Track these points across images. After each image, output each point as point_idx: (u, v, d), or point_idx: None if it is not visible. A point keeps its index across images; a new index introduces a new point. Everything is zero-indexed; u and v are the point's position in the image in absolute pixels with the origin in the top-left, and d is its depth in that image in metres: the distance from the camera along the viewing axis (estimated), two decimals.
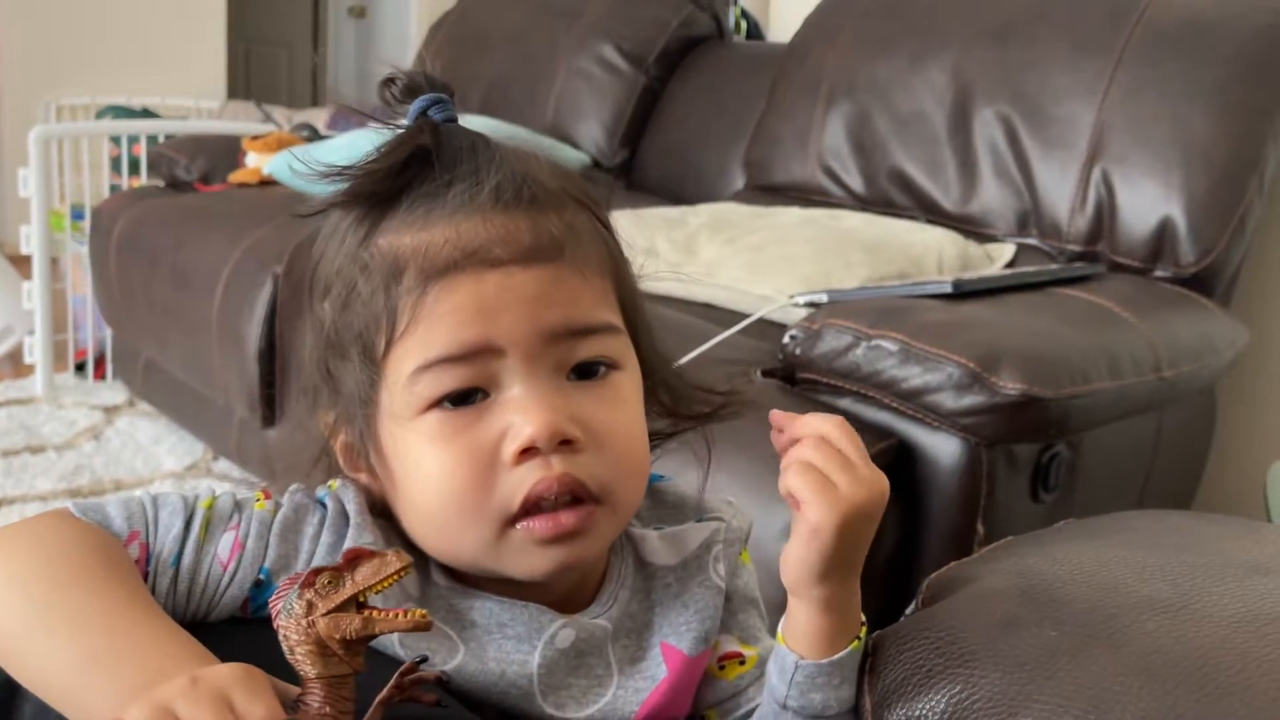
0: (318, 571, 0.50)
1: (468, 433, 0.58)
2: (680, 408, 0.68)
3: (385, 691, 0.53)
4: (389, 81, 0.63)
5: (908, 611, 0.65)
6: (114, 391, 2.66)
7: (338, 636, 0.49)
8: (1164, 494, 1.56)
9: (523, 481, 0.57)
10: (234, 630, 0.60)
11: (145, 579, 0.59)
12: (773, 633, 0.66)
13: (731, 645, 0.69)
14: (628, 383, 0.62)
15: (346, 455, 0.64)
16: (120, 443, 2.38)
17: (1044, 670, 0.54)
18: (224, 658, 0.52)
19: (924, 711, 0.56)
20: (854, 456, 0.58)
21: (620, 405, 0.61)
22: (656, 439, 0.67)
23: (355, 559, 0.50)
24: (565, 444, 0.57)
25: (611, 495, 0.59)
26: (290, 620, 0.50)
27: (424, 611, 0.50)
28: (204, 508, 0.61)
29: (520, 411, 0.57)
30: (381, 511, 0.64)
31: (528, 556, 0.59)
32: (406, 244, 0.58)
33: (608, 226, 0.64)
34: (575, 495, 0.58)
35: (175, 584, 0.60)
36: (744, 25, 2.60)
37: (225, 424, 2.13)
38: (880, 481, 0.58)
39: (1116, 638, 0.55)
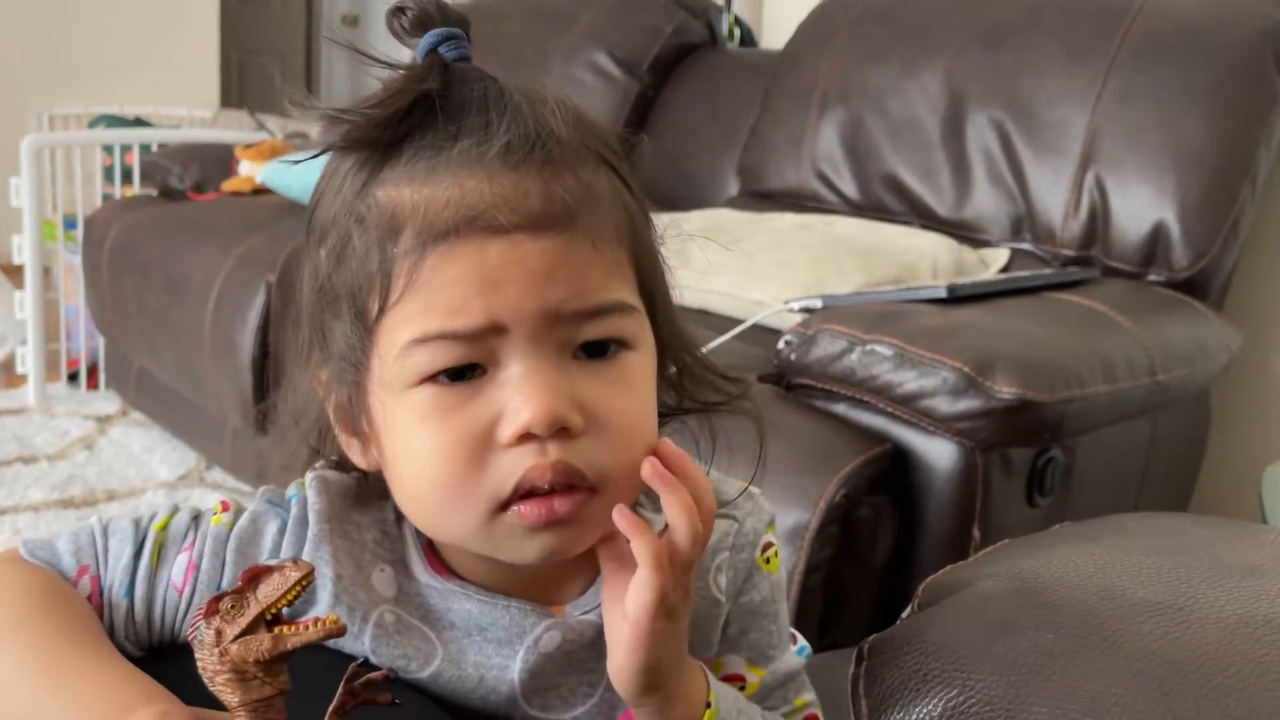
0: (219, 597, 0.49)
1: (461, 411, 0.54)
2: (689, 388, 0.64)
3: (336, 700, 0.52)
4: (399, 11, 0.57)
5: (903, 616, 0.65)
6: (107, 401, 2.66)
7: (251, 660, 0.48)
8: (1159, 498, 1.56)
9: (515, 466, 0.54)
10: None
11: (100, 614, 0.58)
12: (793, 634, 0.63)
13: (737, 668, 0.64)
14: (639, 363, 0.57)
15: (340, 417, 0.60)
16: (113, 452, 2.37)
17: (1040, 673, 0.53)
18: (191, 680, 0.51)
19: (920, 716, 0.56)
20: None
21: (627, 388, 0.56)
22: (659, 417, 0.62)
23: (255, 577, 0.49)
24: (564, 430, 0.54)
25: (609, 483, 0.55)
26: (203, 651, 0.49)
27: (335, 617, 0.49)
28: (156, 530, 0.60)
29: (518, 393, 0.53)
30: (367, 490, 0.61)
31: (517, 541, 0.55)
32: (406, 200, 0.54)
33: (629, 185, 0.59)
34: (570, 483, 0.54)
35: (131, 615, 0.58)
36: (737, 32, 2.60)
37: (218, 433, 2.13)
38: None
39: (1113, 640, 0.54)
